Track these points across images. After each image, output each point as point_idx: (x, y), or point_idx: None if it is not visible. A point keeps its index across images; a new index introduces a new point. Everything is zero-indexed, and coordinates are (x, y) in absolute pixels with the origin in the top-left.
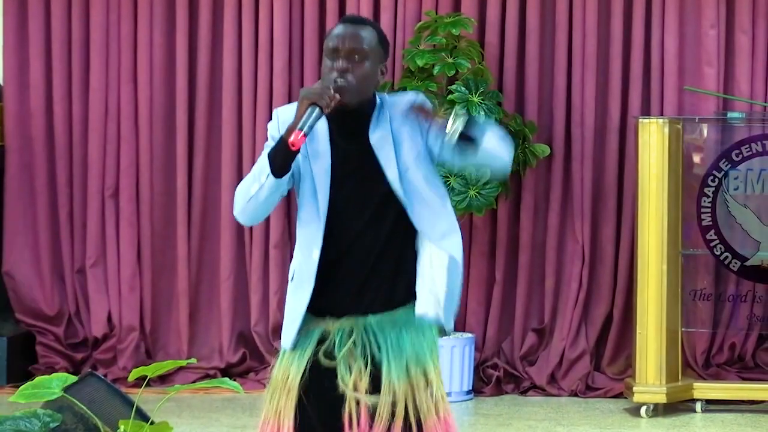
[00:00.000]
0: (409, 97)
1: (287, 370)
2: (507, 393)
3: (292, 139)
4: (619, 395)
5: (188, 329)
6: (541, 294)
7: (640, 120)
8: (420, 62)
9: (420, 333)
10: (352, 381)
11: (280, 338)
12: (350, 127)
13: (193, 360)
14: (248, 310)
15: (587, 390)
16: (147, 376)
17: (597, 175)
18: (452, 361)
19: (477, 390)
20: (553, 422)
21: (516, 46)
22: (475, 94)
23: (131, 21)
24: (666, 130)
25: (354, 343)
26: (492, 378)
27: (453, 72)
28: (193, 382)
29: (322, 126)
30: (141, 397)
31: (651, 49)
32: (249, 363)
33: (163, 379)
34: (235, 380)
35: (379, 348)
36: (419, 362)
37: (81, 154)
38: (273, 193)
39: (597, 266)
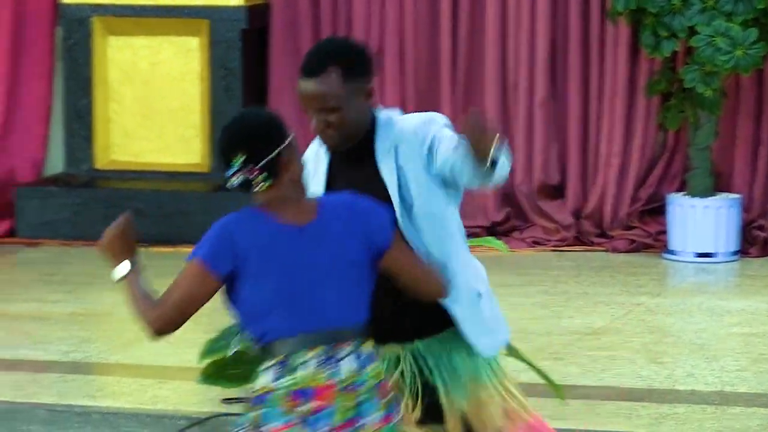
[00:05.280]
0: (416, 124)
1: None
2: None
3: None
4: None
5: None
6: None
7: None
8: None
9: (473, 351)
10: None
11: (544, 198)
12: (354, 154)
13: None
14: (513, 168)
15: None
16: None
17: None
18: (718, 221)
19: (743, 251)
20: None
21: None
22: None
23: None
24: None
25: (402, 373)
26: (758, 239)
27: None
28: None
29: (322, 155)
30: None
31: None
32: (513, 222)
33: None
34: (499, 239)
35: (431, 373)
36: (478, 380)
37: (346, 11)
38: None
39: None
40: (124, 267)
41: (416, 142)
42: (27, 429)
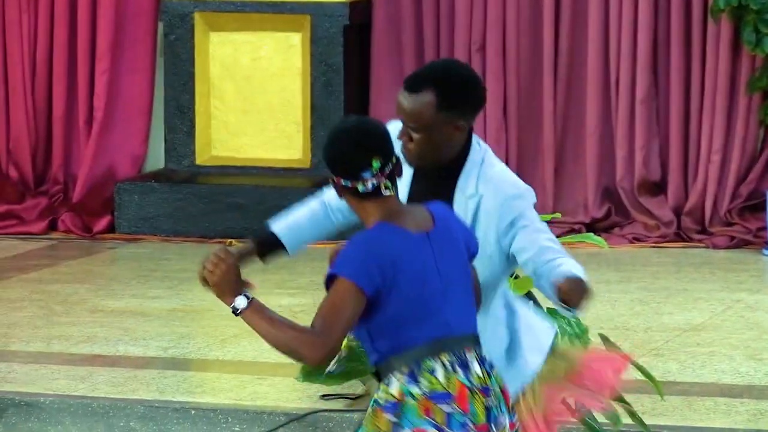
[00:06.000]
0: (510, 193)
1: None
2: None
3: None
4: None
5: (553, 184)
6: None
7: None
8: None
9: None
10: None
11: (645, 194)
12: (436, 175)
13: (557, 215)
14: (614, 165)
15: None
16: None
17: None
18: None
19: None
20: None
21: None
22: None
23: None
24: None
25: None
26: None
27: None
28: (558, 236)
29: (406, 171)
30: None
31: None
32: (614, 218)
33: None
34: (599, 235)
35: None
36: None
37: (448, 7)
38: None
39: None
40: (243, 300)
41: (502, 208)
42: (126, 425)
